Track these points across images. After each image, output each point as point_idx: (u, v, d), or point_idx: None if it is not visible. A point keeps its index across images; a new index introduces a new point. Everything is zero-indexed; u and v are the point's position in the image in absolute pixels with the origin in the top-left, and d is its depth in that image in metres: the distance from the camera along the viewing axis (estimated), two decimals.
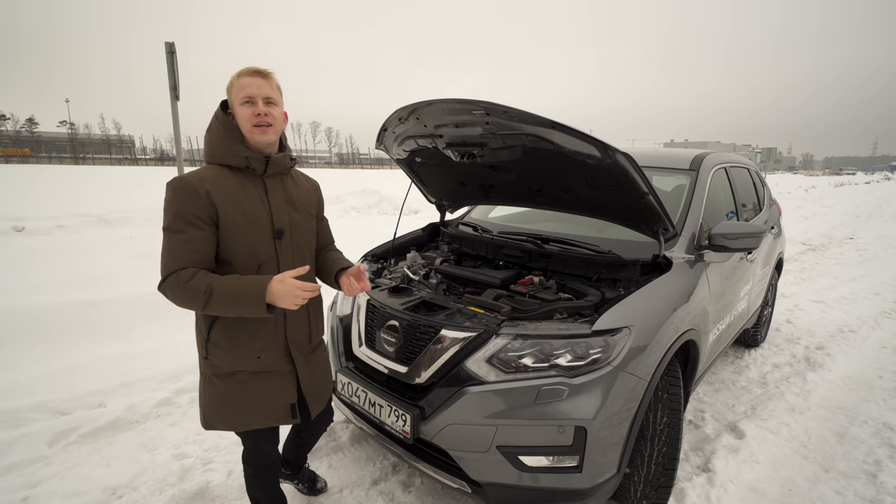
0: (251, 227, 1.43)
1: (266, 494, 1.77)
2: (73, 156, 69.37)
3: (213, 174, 1.41)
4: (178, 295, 1.32)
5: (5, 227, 7.14)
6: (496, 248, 2.50)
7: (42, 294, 4.02)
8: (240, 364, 1.48)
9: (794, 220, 11.75)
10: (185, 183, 1.36)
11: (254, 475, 1.72)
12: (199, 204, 1.35)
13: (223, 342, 1.46)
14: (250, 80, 1.42)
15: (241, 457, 1.72)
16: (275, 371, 1.53)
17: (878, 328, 4.40)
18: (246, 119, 1.42)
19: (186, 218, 1.34)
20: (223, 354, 1.47)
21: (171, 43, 5.13)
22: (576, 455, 1.60)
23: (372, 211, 11.73)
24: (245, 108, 1.42)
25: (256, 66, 1.45)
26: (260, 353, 1.48)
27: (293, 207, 1.56)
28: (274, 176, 1.52)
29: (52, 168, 34.35)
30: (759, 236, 2.41)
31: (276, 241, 1.48)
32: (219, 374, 1.49)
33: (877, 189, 29.01)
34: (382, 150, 2.54)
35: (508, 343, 1.69)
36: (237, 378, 1.49)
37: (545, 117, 1.71)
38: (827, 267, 6.98)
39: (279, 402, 1.55)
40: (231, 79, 1.46)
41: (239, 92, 1.42)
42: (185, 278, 1.31)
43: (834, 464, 2.44)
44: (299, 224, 1.57)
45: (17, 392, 2.80)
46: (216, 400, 1.52)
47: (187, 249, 1.34)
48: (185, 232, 1.34)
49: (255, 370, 1.49)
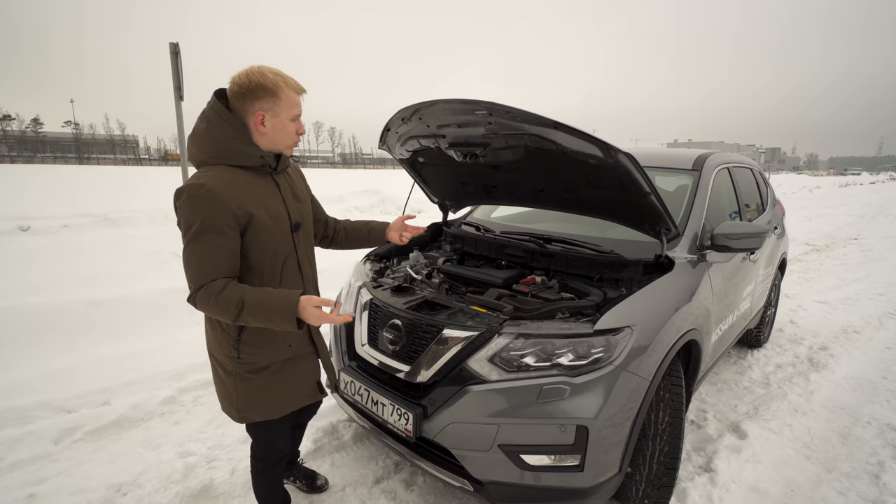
0: (276, 224, 1.47)
1: (272, 491, 1.80)
2: (77, 156, 69.72)
3: (229, 176, 1.37)
4: (210, 307, 1.32)
5: (11, 226, 7.19)
6: (498, 247, 2.51)
7: (47, 293, 4.05)
8: (274, 356, 1.54)
9: (798, 221, 11.71)
10: (207, 189, 1.30)
11: (262, 471, 1.75)
12: (224, 211, 1.32)
13: (257, 340, 1.50)
14: (298, 99, 1.46)
15: (251, 453, 1.75)
16: (302, 355, 1.62)
17: (882, 329, 4.38)
18: (291, 133, 1.48)
19: (213, 227, 1.31)
20: (257, 351, 1.51)
21: (175, 43, 5.16)
22: (577, 454, 1.61)
23: (375, 211, 11.75)
24: (293, 123, 1.47)
25: (296, 81, 1.47)
26: (291, 342, 1.56)
27: (298, 199, 1.61)
28: (281, 172, 1.56)
29: (57, 168, 34.53)
30: (762, 236, 2.41)
31: (293, 235, 1.54)
32: (253, 370, 1.52)
33: (882, 189, 28.85)
34: (385, 151, 2.55)
35: (510, 342, 1.69)
36: (271, 369, 1.54)
37: (547, 117, 1.71)
38: (831, 267, 6.95)
39: (309, 381, 1.67)
40: (274, 80, 1.38)
41: (292, 108, 1.44)
42: (216, 290, 1.30)
43: (837, 464, 2.44)
44: (305, 214, 1.65)
45: (22, 390, 2.83)
46: (253, 394, 1.55)
47: (218, 260, 1.33)
48: (213, 242, 1.31)
49: (286, 358, 1.57)
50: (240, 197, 1.36)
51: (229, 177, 1.37)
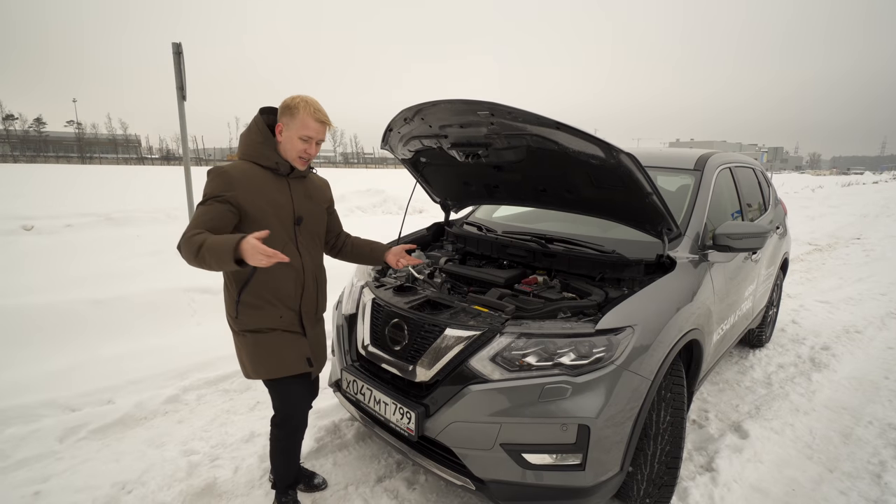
0: (275, 213, 1.69)
1: (286, 462, 1.93)
2: (79, 155, 69.89)
3: (245, 167, 1.68)
4: (184, 248, 1.50)
5: (14, 226, 7.23)
6: (500, 247, 2.51)
7: (50, 293, 4.07)
8: (265, 321, 1.74)
9: (801, 220, 11.68)
10: (222, 169, 1.63)
11: (279, 438, 1.90)
12: (226, 187, 1.61)
13: (253, 300, 1.71)
14: (317, 126, 1.69)
15: (270, 422, 1.91)
16: (290, 332, 1.80)
17: (884, 329, 4.37)
18: (296, 150, 1.70)
19: (214, 195, 1.59)
20: (252, 312, 1.73)
21: (178, 43, 5.17)
22: (579, 453, 1.61)
23: (377, 210, 11.76)
24: (300, 142, 1.69)
25: (324, 114, 1.70)
26: (282, 314, 1.76)
27: (311, 200, 1.85)
28: (296, 178, 1.79)
29: (60, 167, 34.63)
30: (764, 236, 2.41)
31: (295, 227, 1.77)
32: (247, 329, 1.75)
33: (885, 189, 28.76)
34: (388, 151, 2.56)
35: (512, 342, 1.70)
36: (263, 332, 1.75)
37: (549, 118, 1.72)
38: (833, 267, 6.94)
39: (298, 353, 1.81)
40: (297, 103, 1.67)
41: (302, 129, 1.67)
42: (190, 234, 1.50)
43: (838, 464, 2.44)
44: (314, 214, 1.86)
45: (26, 389, 2.84)
46: (252, 352, 1.77)
47: (206, 218, 1.56)
48: (210, 205, 1.58)
49: (275, 327, 1.75)
50: (245, 183, 1.63)
51: (245, 168, 1.68)
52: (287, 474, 1.97)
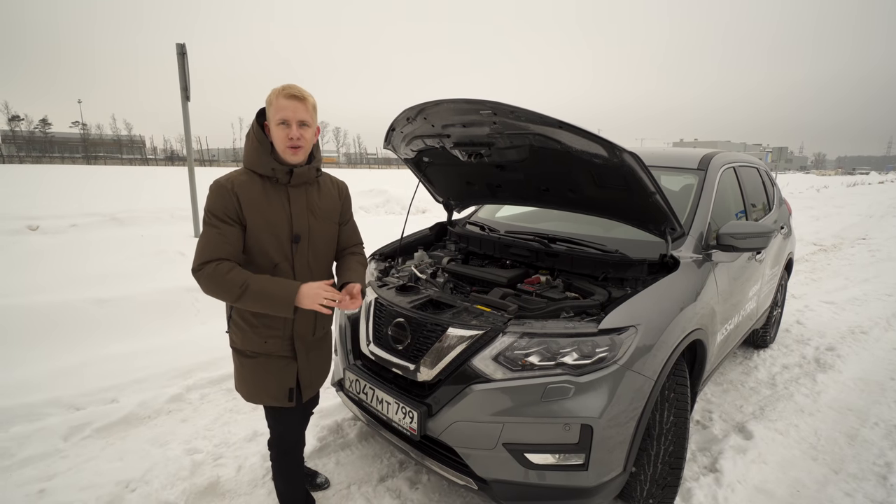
0: (270, 230, 1.55)
1: (288, 485, 1.85)
2: (84, 156, 70.27)
3: (244, 179, 1.55)
4: (214, 284, 1.44)
5: (20, 225, 7.27)
6: (503, 247, 2.51)
7: (55, 292, 4.10)
8: (249, 344, 1.62)
9: (806, 221, 11.62)
10: (220, 185, 1.52)
11: (275, 458, 1.83)
12: (229, 204, 1.50)
13: (240, 322, 1.62)
14: (287, 104, 1.49)
15: (267, 443, 1.85)
16: (277, 356, 1.65)
17: (890, 329, 4.35)
18: (280, 140, 1.52)
19: (219, 215, 1.49)
20: (238, 332, 1.63)
21: (182, 44, 5.20)
22: (582, 453, 1.61)
23: (379, 210, 11.77)
24: (280, 129, 1.51)
25: (294, 89, 1.51)
26: (267, 339, 1.61)
27: (313, 215, 1.65)
28: (298, 186, 1.61)
29: (65, 168, 34.85)
30: (768, 236, 2.40)
31: (292, 245, 1.60)
32: (235, 347, 1.67)
33: (891, 189, 28.57)
34: (390, 150, 2.56)
35: (515, 341, 1.70)
36: (246, 355, 1.65)
37: (552, 117, 1.71)
38: (838, 267, 6.89)
39: (280, 384, 1.66)
40: (270, 95, 1.53)
41: (276, 113, 1.50)
42: (224, 271, 1.44)
43: (843, 465, 2.43)
44: (318, 230, 1.67)
45: (31, 387, 2.86)
46: (238, 371, 1.71)
47: (221, 242, 1.48)
48: (219, 227, 1.49)
49: (259, 351, 1.63)
50: (244, 197, 1.52)
51: (245, 179, 1.55)
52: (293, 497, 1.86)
